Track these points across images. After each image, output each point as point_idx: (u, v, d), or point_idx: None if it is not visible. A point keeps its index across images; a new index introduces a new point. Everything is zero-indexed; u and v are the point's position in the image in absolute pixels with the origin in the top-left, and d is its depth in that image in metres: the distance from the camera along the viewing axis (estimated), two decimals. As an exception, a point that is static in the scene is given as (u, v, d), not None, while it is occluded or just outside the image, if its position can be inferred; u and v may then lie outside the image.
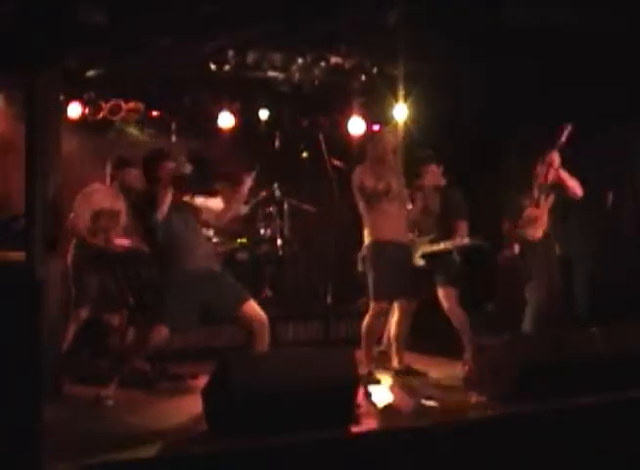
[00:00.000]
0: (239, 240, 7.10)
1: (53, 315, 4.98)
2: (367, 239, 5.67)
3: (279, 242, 6.98)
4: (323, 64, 7.00)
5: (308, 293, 7.27)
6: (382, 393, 5.24)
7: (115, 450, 3.86)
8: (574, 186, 5.84)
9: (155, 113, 7.43)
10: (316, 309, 6.72)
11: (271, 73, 7.06)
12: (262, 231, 7.07)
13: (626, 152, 7.10)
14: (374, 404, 4.92)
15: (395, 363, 5.78)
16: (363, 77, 7.28)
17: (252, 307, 4.96)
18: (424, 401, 4.81)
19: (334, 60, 6.95)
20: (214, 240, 6.64)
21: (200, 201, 5.38)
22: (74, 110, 7.06)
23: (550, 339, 4.94)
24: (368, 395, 5.08)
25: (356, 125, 7.89)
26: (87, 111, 7.13)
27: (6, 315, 3.34)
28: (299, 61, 6.94)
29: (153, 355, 5.45)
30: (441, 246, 5.86)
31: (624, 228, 7.19)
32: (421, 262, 5.92)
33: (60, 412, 4.50)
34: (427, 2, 5.81)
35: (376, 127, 7.64)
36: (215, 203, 6.76)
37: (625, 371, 4.84)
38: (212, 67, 6.71)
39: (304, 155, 7.99)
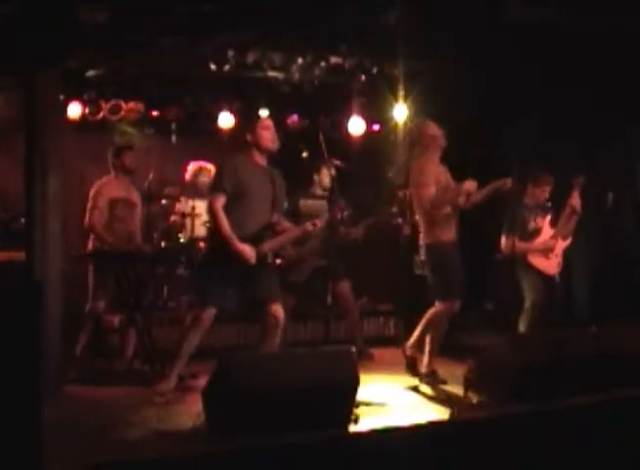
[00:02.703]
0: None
1: (53, 315, 4.98)
2: (428, 240, 5.51)
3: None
4: (323, 64, 6.99)
5: (308, 293, 7.25)
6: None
7: (115, 450, 3.86)
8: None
9: (155, 113, 7.43)
10: (316, 310, 6.71)
11: (271, 73, 7.05)
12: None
13: (626, 152, 7.10)
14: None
15: (423, 366, 5.61)
16: (363, 77, 7.27)
17: (279, 309, 5.04)
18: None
19: (334, 60, 6.94)
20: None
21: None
22: (74, 110, 7.07)
23: (550, 338, 4.94)
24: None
25: (356, 125, 7.88)
26: (87, 111, 7.14)
27: (6, 315, 3.33)
28: (299, 60, 6.93)
29: (153, 355, 5.45)
30: None
31: (624, 228, 7.20)
32: None
33: (60, 412, 4.51)
34: (427, 2, 5.81)
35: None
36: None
37: (625, 371, 4.84)
38: (212, 67, 6.70)
39: (304, 155, 7.98)
